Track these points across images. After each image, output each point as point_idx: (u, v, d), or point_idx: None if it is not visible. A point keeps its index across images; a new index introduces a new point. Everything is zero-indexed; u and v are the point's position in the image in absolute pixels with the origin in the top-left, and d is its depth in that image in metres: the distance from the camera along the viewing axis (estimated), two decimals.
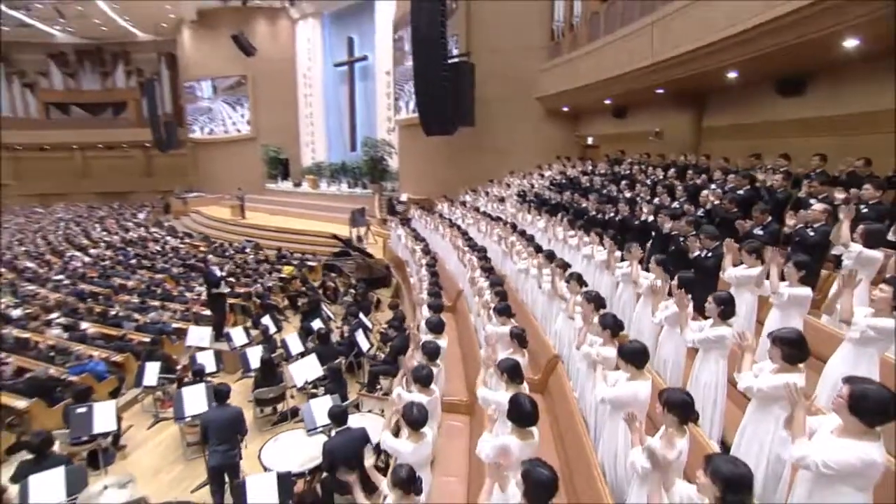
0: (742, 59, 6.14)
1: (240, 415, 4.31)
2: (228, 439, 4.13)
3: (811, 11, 4.73)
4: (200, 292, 9.57)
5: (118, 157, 31.22)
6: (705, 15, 6.23)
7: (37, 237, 18.77)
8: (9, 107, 28.89)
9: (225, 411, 4.22)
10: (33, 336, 8.42)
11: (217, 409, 4.27)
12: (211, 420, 4.18)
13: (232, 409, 4.30)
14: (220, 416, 4.18)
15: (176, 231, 19.97)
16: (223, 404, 4.26)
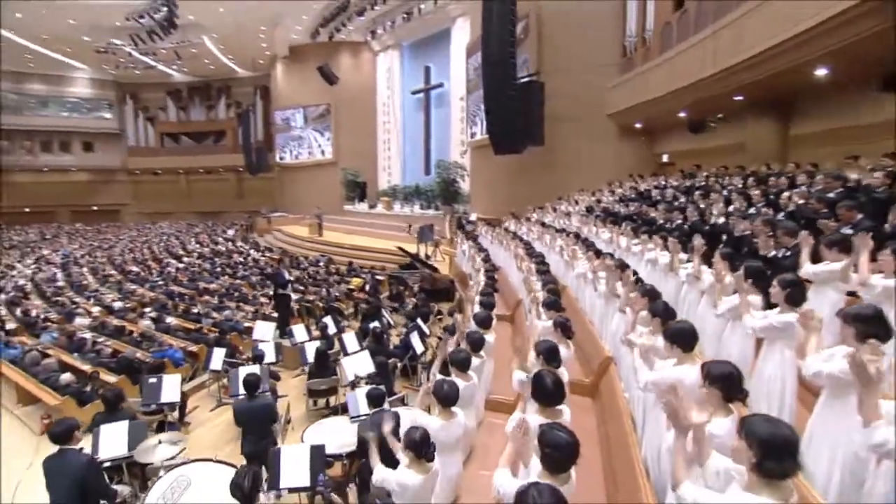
0: (834, 48, 5.53)
1: (270, 406, 4.29)
2: (259, 429, 4.15)
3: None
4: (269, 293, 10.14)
5: (215, 181, 34.36)
6: (781, 10, 5.79)
7: (143, 247, 20.96)
8: (133, 137, 32.95)
9: (255, 403, 4.15)
10: (129, 325, 9.34)
11: (247, 400, 4.18)
12: (241, 412, 4.16)
13: (262, 399, 4.24)
14: (250, 407, 4.14)
15: (258, 245, 21.41)
16: (253, 395, 4.17)
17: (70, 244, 23.36)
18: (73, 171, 32.67)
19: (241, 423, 4.18)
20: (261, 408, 4.15)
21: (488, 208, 16.99)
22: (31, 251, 21.48)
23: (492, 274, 6.81)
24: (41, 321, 9.69)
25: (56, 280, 14.71)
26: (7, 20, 22.38)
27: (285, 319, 8.11)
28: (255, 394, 4.15)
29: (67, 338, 8.31)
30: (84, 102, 31.74)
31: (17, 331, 9.53)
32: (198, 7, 21.45)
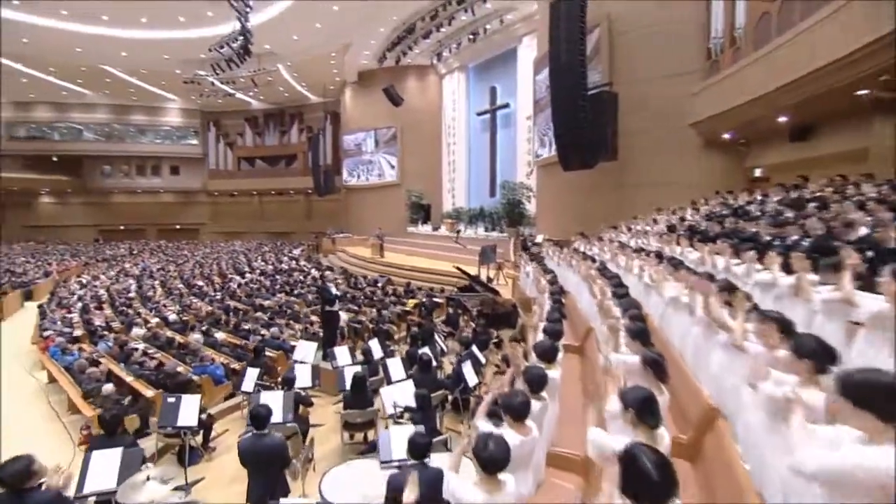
0: None
1: (278, 447, 3.56)
2: (266, 472, 3.49)
3: None
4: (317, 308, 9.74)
5: (286, 202, 35.74)
6: None
7: (213, 263, 21.74)
8: (214, 161, 35.06)
9: (261, 441, 3.48)
10: (180, 338, 9.24)
11: (255, 437, 3.53)
12: (246, 451, 3.50)
13: (271, 439, 3.55)
14: (255, 445, 3.48)
15: (321, 265, 21.54)
16: (262, 431, 3.52)
17: (150, 259, 24.79)
18: (162, 192, 35.36)
19: (245, 463, 3.51)
20: (268, 448, 3.47)
21: (555, 229, 15.96)
22: (117, 264, 22.95)
23: (559, 297, 5.88)
24: (100, 329, 9.85)
25: (129, 291, 15.35)
26: (113, 58, 24.60)
27: (330, 339, 7.56)
28: (263, 429, 3.48)
29: (119, 347, 8.24)
30: (174, 130, 34.31)
31: (82, 338, 9.72)
32: (273, 37, 22.46)
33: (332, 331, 7.62)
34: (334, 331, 7.65)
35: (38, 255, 25.29)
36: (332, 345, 7.40)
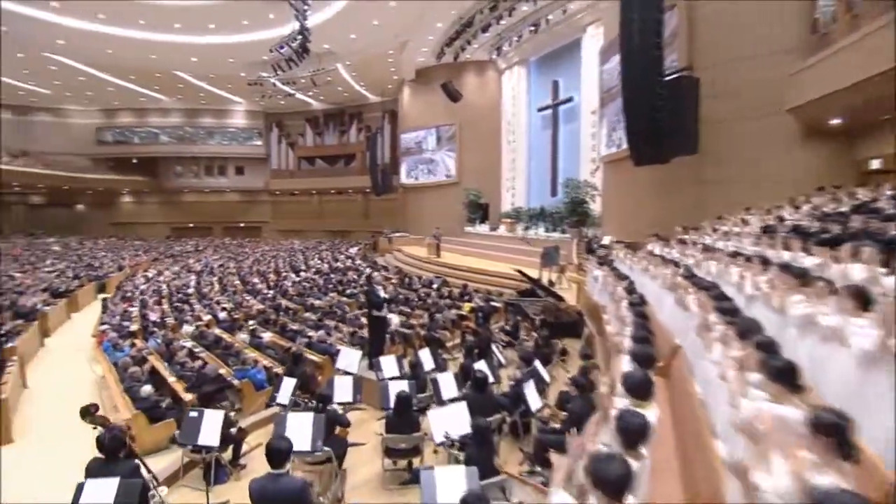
0: None
1: (298, 493, 2.88)
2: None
3: None
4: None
5: (344, 201, 36.12)
6: None
7: (271, 261, 22.05)
8: (276, 162, 36.03)
9: (277, 484, 2.82)
10: (227, 337, 9.00)
11: (270, 478, 2.89)
12: (258, 496, 2.84)
13: (289, 481, 2.91)
14: (270, 490, 2.82)
15: (376, 264, 21.28)
16: (279, 471, 2.86)
17: (213, 255, 25.61)
18: (227, 191, 36.80)
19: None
20: (284, 494, 2.81)
21: (623, 230, 14.69)
22: (182, 260, 23.87)
23: (641, 310, 4.91)
24: (153, 325, 9.84)
25: (188, 287, 15.66)
26: (184, 63, 25.64)
27: (377, 347, 6.95)
28: (281, 468, 2.84)
29: (166, 345, 8.07)
30: (240, 132, 35.57)
31: (137, 333, 9.74)
32: (331, 35, 22.48)
33: (378, 338, 7.00)
34: (381, 338, 7.04)
35: (115, 250, 26.87)
36: (378, 353, 6.79)
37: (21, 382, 8.49)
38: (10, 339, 9.66)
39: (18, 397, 8.01)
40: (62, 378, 8.86)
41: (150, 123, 34.19)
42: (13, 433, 6.91)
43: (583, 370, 5.79)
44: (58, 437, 6.81)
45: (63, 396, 8.05)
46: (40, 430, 7.07)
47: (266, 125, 35.82)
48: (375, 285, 6.65)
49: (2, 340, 9.48)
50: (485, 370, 5.77)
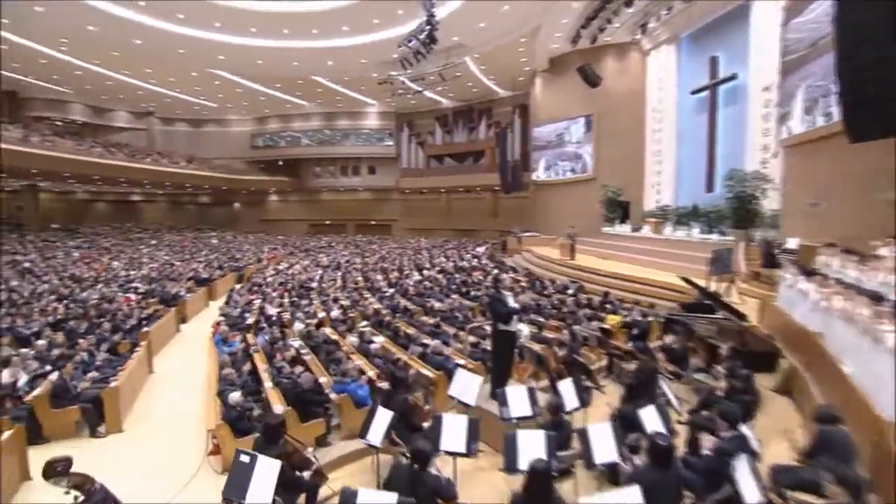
0: None
1: None
2: None
3: None
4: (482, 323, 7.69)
5: (472, 199, 35.37)
6: None
7: (396, 258, 21.78)
8: (406, 160, 36.54)
9: None
10: (338, 338, 8.18)
11: None
12: None
13: None
14: None
15: (503, 264, 19.83)
16: None
17: (342, 251, 26.32)
18: (360, 190, 38.27)
19: None
20: None
21: (817, 231, 11.29)
22: (314, 254, 24.82)
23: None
24: (266, 319, 9.46)
25: (312, 281, 15.68)
26: (321, 68, 26.80)
27: (502, 372, 5.37)
28: None
29: (271, 344, 7.43)
30: (373, 133, 36.72)
31: (252, 326, 9.44)
32: (460, 26, 21.63)
33: (504, 359, 5.41)
34: (508, 360, 5.43)
35: (258, 244, 29.12)
36: (503, 380, 5.25)
37: (148, 368, 8.58)
38: (149, 322, 10.03)
39: (142, 384, 8.01)
40: (184, 367, 8.81)
41: (293, 128, 36.89)
42: (128, 420, 6.73)
43: (820, 438, 3.62)
44: (164, 430, 6.47)
45: (180, 387, 7.88)
46: (152, 420, 6.82)
47: (397, 125, 36.50)
48: (503, 291, 5.10)
49: (142, 324, 9.89)
50: (657, 422, 3.91)
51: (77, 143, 25.32)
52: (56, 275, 15.67)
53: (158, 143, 34.54)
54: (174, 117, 35.95)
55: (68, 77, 26.13)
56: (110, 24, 19.07)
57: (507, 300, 5.23)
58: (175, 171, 29.31)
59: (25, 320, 9.49)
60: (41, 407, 6.05)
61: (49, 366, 6.84)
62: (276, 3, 18.99)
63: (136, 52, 22.18)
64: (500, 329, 5.20)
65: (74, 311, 10.34)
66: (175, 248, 25.05)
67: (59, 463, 3.40)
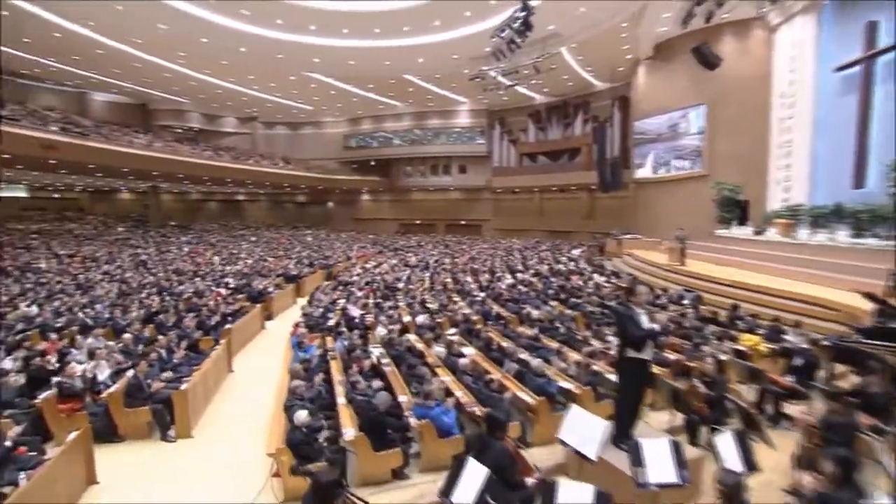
0: None
1: None
2: None
3: None
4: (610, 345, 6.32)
5: (566, 199, 33.51)
6: None
7: (486, 259, 20.72)
8: (498, 159, 35.47)
9: None
10: (424, 347, 7.26)
11: None
12: None
13: None
14: None
15: (603, 269, 18.03)
16: None
17: (431, 251, 25.75)
18: (451, 190, 37.80)
19: None
20: None
21: None
22: (402, 254, 24.48)
23: None
24: (347, 322, 8.80)
25: (399, 281, 15.07)
26: (412, 66, 26.55)
27: (631, 412, 3.98)
28: None
29: (349, 352, 6.66)
30: (464, 132, 36.05)
31: (332, 328, 8.84)
32: (558, 12, 20.16)
33: (633, 398, 4.01)
34: (637, 398, 4.04)
35: (349, 242, 29.56)
36: (630, 424, 3.95)
37: (227, 366, 8.28)
38: (234, 319, 9.87)
39: (220, 383, 7.68)
40: (264, 367, 8.41)
41: (385, 128, 37.27)
42: (200, 424, 6.33)
43: None
44: (233, 439, 5.96)
45: (257, 389, 7.41)
46: (223, 425, 6.37)
47: (488, 123, 35.54)
48: (633, 307, 3.81)
49: (226, 320, 9.73)
50: None
51: (192, 147, 27.29)
52: (163, 267, 16.61)
53: (260, 146, 36.66)
54: (275, 121, 37.95)
55: (186, 87, 28.32)
56: (219, 34, 20.13)
57: (641, 319, 3.92)
58: (273, 172, 30.71)
59: (123, 312, 9.73)
60: (115, 405, 5.77)
61: (132, 360, 6.64)
62: (368, 2, 18.85)
63: (241, 59, 23.31)
64: (629, 356, 3.90)
65: (169, 304, 10.52)
66: (272, 244, 26.04)
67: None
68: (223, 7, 18.25)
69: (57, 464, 4.53)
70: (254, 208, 41.60)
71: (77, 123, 20.91)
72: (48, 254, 17.81)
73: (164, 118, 33.22)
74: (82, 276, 14.25)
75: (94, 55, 22.48)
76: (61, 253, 18.12)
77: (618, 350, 4.10)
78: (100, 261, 17.26)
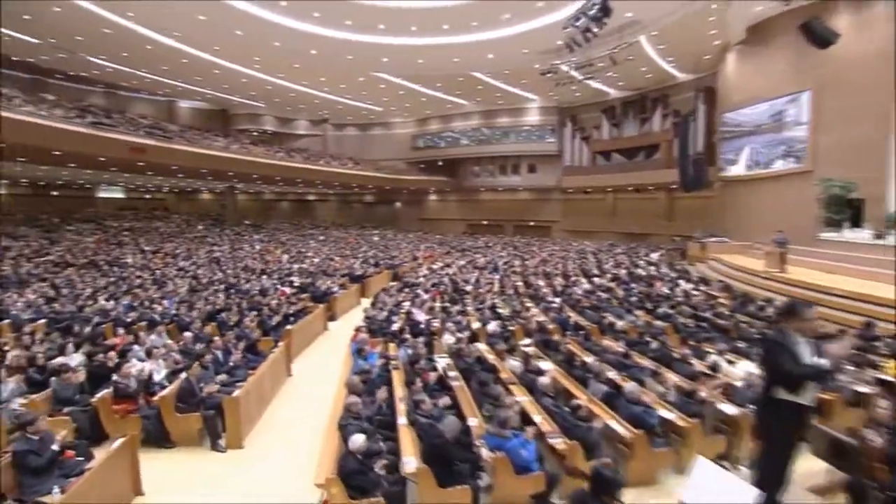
0: None
1: None
2: None
3: None
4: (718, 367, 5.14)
5: (642, 199, 31.47)
6: None
7: (558, 262, 19.53)
8: (569, 157, 33.92)
9: None
10: (496, 360, 6.43)
11: None
12: None
13: None
14: None
15: (688, 275, 16.32)
16: None
17: (500, 252, 24.82)
18: (520, 190, 36.67)
19: None
20: None
21: None
22: (470, 255, 23.75)
23: None
24: (412, 328, 8.11)
25: (467, 283, 14.30)
26: (481, 63, 25.79)
27: (779, 470, 2.88)
28: None
29: (412, 363, 5.97)
30: (533, 130, 34.84)
31: (396, 334, 8.22)
32: None
33: (782, 452, 2.92)
34: (788, 453, 2.97)
35: (416, 242, 29.26)
36: (778, 486, 2.90)
37: (286, 370, 7.90)
38: (296, 319, 9.56)
39: (277, 389, 7.29)
40: (324, 372, 7.95)
41: (453, 128, 36.78)
42: (253, 433, 5.91)
43: None
44: (286, 454, 5.46)
45: (316, 397, 6.93)
46: (276, 436, 5.90)
47: (559, 120, 34.10)
48: (790, 334, 2.82)
49: (288, 320, 9.43)
50: None
51: (265, 149, 28.22)
52: (234, 264, 16.96)
53: (331, 148, 37.45)
54: (345, 123, 38.62)
55: (262, 92, 29.36)
56: (291, 37, 20.49)
57: (801, 351, 2.86)
58: (342, 172, 31.11)
59: (189, 308, 9.70)
60: (167, 409, 5.45)
61: (188, 361, 6.35)
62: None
63: (312, 61, 23.67)
64: (780, 398, 2.87)
65: (232, 302, 10.42)
66: (339, 243, 26.26)
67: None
68: (295, 9, 18.49)
69: (98, 473, 4.18)
70: (323, 208, 42.64)
71: (164, 129, 22.07)
72: (135, 249, 18.79)
73: (242, 122, 34.82)
74: (159, 272, 14.73)
75: (180, 64, 23.80)
76: (146, 249, 19.06)
77: (762, 389, 3.07)
78: (178, 257, 17.94)
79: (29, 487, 4.19)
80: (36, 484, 4.20)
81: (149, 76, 26.28)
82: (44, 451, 4.25)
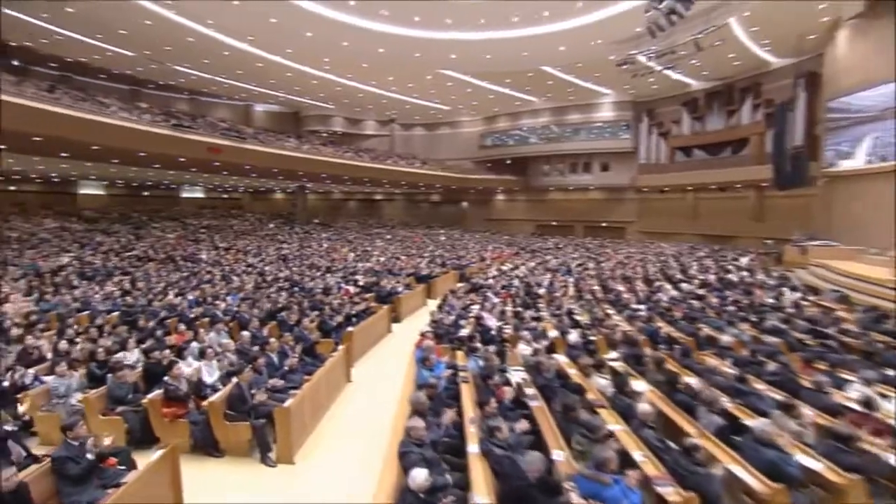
0: None
1: None
2: None
3: None
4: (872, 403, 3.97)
5: (728, 199, 28.78)
6: None
7: (637, 265, 18.01)
8: (645, 154, 31.80)
9: None
10: (580, 378, 5.52)
11: None
12: None
13: None
14: None
15: (789, 281, 14.35)
16: None
17: (572, 254, 23.48)
18: (591, 189, 34.93)
19: None
20: None
21: None
22: (540, 256, 22.64)
23: None
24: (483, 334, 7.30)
25: (540, 286, 13.27)
26: (552, 56, 24.56)
27: None
28: None
29: (484, 378, 5.20)
30: (606, 126, 33.02)
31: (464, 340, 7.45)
32: None
33: None
34: None
35: (484, 242, 28.46)
36: None
37: (345, 376, 7.40)
38: (359, 320, 9.10)
39: (334, 396, 6.78)
40: (386, 378, 7.39)
41: (521, 126, 35.58)
42: (306, 446, 5.41)
43: None
44: (340, 475, 4.89)
45: (376, 407, 6.37)
46: (332, 453, 5.35)
47: (635, 115, 32.04)
48: None
49: (350, 321, 8.99)
50: None
51: (334, 149, 28.65)
52: (300, 262, 17.02)
53: (398, 148, 37.52)
54: (412, 122, 38.57)
55: (331, 93, 29.84)
56: (359, 37, 20.44)
57: None
58: (409, 171, 30.96)
59: (252, 305, 9.52)
60: (216, 416, 5.05)
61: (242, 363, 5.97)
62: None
63: (380, 60, 23.58)
64: None
65: (294, 300, 10.15)
66: (405, 243, 26.04)
67: None
68: (363, 8, 18.37)
69: (135, 486, 3.78)
70: (390, 207, 42.92)
71: (239, 131, 22.85)
72: (210, 246, 19.46)
73: (312, 124, 35.69)
74: (228, 268, 14.98)
75: (255, 68, 24.61)
76: (220, 245, 19.69)
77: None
78: (249, 254, 18.32)
79: (67, 496, 3.89)
80: (74, 493, 3.88)
81: (227, 81, 27.43)
82: (82, 458, 3.92)
